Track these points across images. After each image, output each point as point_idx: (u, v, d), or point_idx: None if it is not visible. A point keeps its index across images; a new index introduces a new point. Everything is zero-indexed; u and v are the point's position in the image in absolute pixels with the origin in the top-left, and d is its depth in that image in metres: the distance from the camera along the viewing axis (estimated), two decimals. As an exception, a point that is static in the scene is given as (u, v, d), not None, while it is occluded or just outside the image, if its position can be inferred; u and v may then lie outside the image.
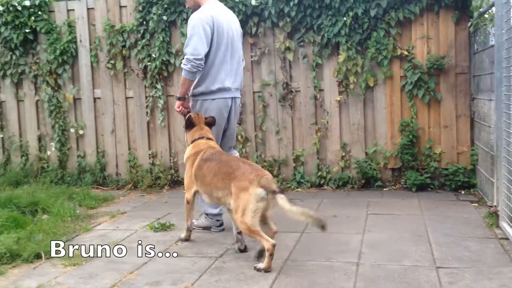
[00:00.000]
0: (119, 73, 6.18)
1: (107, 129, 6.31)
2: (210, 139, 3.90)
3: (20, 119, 6.54)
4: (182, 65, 3.90)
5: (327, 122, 5.70)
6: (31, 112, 6.47)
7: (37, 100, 6.44)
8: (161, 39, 5.88)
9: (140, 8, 5.92)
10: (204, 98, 4.01)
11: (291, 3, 5.46)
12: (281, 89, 5.76)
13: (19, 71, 6.38)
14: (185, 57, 3.85)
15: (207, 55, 3.89)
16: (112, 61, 6.14)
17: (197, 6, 4.02)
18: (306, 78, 5.71)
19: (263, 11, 5.62)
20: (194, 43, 3.82)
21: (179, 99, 4.08)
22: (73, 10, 6.23)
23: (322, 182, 5.73)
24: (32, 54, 6.35)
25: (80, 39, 6.22)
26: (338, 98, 5.63)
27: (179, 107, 4.10)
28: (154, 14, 5.84)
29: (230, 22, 4.07)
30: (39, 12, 6.17)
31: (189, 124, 3.94)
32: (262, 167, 5.65)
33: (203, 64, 3.86)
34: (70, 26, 6.22)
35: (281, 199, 3.22)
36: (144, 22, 5.96)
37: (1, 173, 6.42)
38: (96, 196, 5.55)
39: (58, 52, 6.17)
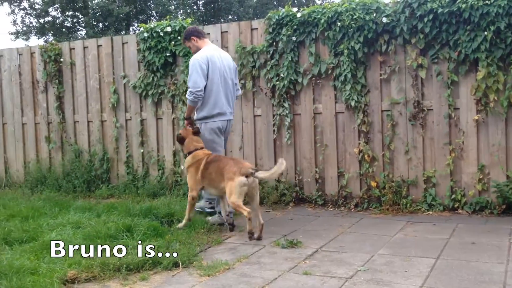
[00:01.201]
0: (248, 92, 6.42)
1: (235, 145, 6.57)
2: (203, 148, 5.03)
3: (158, 135, 7.05)
4: (187, 96, 5.02)
5: (463, 142, 5.37)
6: (167, 129, 6.96)
7: (174, 118, 6.91)
8: (290, 59, 6.02)
9: (270, 30, 6.12)
10: (206, 121, 5.09)
11: (425, 19, 5.27)
12: (411, 107, 5.55)
13: (159, 91, 6.91)
14: (189, 90, 4.97)
15: (205, 87, 4.97)
16: (242, 81, 6.41)
17: (198, 50, 5.16)
18: (439, 96, 5.45)
19: (394, 28, 5.50)
20: (194, 78, 4.94)
21: (186, 119, 5.24)
22: (208, 34, 6.63)
23: (456, 205, 5.38)
24: (171, 76, 6.86)
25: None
26: (476, 117, 5.27)
27: (186, 125, 5.26)
28: (283, 35, 6.01)
29: (223, 60, 5.15)
30: (179, 37, 6.66)
31: (181, 139, 5.10)
32: (390, 187, 5.59)
33: (202, 94, 4.96)
34: (205, 48, 6.62)
35: (258, 174, 4.58)
36: (274, 43, 6.14)
37: (141, 185, 6.98)
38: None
39: (193, 73, 6.59)
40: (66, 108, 7.58)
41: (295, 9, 6.02)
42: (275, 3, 25.91)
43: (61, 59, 7.52)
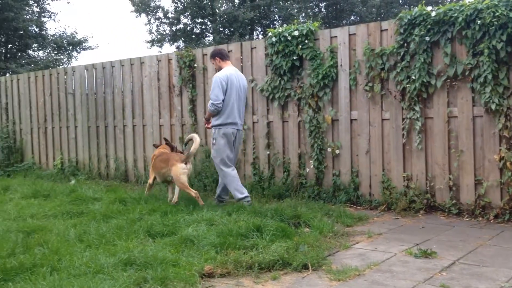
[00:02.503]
0: (376, 95, 6.28)
1: (361, 149, 6.45)
2: (164, 148, 6.77)
3: (284, 138, 7.18)
4: (209, 106, 6.13)
5: None
6: (293, 132, 7.06)
7: (299, 121, 6.98)
8: (422, 60, 5.77)
9: (402, 31, 5.92)
10: (219, 128, 6.17)
11: None
12: None
13: (285, 94, 7.03)
14: (211, 102, 6.07)
15: (223, 100, 6.07)
16: (370, 84, 6.28)
17: (220, 69, 6.31)
18: None
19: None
20: (215, 92, 6.05)
21: (206, 119, 6.49)
22: (336, 37, 6.60)
23: None
24: (297, 79, 6.94)
25: (341, 64, 6.55)
26: None
27: (206, 124, 6.54)
28: (416, 35, 5.78)
29: (239, 80, 6.24)
30: (306, 41, 6.72)
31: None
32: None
33: (221, 105, 6.07)
34: (332, 52, 6.60)
35: (190, 153, 6.10)
36: (405, 44, 5.93)
37: (267, 186, 7.16)
38: (351, 214, 5.69)
39: (320, 76, 6.61)
40: (198, 110, 8.03)
41: (429, 8, 5.76)
42: (400, 1, 25.00)
43: (195, 65, 7.98)
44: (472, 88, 5.56)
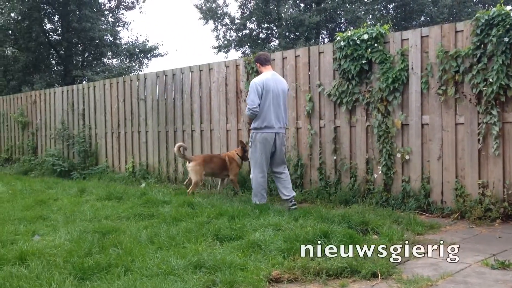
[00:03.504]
0: (450, 99, 6.03)
1: (433, 155, 6.22)
2: (232, 151, 7.76)
3: (351, 143, 7.06)
4: (246, 110, 6.43)
5: None
6: (361, 137, 6.92)
7: (367, 126, 6.84)
8: (500, 62, 5.49)
9: (478, 31, 5.66)
10: (256, 132, 6.39)
11: None
12: None
13: (353, 99, 6.92)
14: (247, 107, 6.35)
15: (259, 104, 6.28)
16: (443, 87, 6.05)
17: (260, 73, 6.56)
18: None
19: None
20: (251, 97, 6.30)
21: (249, 124, 6.96)
22: (407, 39, 6.42)
23: None
24: (366, 83, 6.81)
25: (412, 67, 6.35)
26: None
27: (250, 129, 6.70)
28: (493, 36, 5.50)
29: (277, 84, 6.41)
30: (375, 44, 6.58)
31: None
32: None
33: (257, 109, 6.28)
34: (403, 55, 6.42)
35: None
36: (482, 46, 5.66)
37: (333, 192, 7.07)
38: (422, 222, 5.49)
39: (390, 80, 6.45)
40: (265, 115, 8.06)
41: (508, 8, 5.47)
42: (474, 0, 23.93)
43: (262, 70, 8.02)
44: (556, 91, 5.22)
